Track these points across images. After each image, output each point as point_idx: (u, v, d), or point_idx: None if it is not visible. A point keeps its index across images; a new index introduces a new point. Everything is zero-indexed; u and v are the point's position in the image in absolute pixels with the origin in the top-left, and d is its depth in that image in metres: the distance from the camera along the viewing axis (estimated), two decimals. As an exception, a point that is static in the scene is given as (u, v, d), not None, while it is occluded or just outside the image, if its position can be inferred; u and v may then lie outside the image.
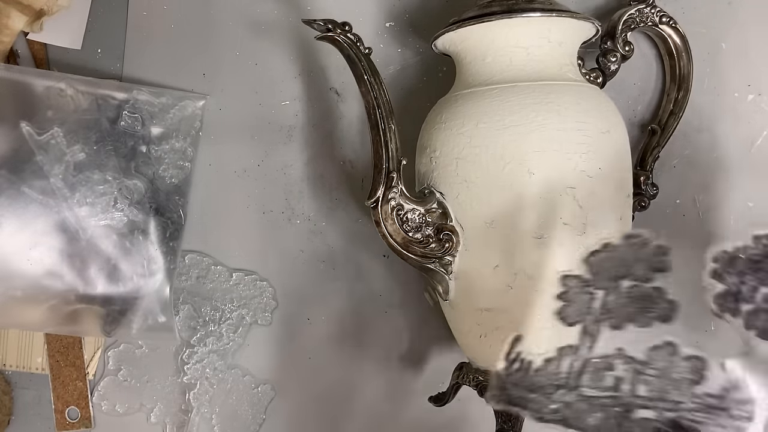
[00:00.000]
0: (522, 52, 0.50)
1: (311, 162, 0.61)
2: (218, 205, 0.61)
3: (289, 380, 0.61)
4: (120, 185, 0.57)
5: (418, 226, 0.50)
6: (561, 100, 0.48)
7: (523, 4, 0.50)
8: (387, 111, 0.50)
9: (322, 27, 0.50)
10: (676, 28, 0.55)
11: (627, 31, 0.54)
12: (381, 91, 0.50)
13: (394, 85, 0.59)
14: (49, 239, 0.56)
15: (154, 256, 0.58)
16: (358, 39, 0.50)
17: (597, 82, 0.53)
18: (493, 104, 0.48)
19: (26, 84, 0.57)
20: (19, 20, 0.58)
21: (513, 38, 0.50)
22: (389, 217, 0.50)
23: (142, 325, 0.58)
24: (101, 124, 0.58)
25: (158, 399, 0.61)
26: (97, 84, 0.58)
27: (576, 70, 0.51)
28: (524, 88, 0.48)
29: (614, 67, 0.54)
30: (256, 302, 0.61)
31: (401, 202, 0.50)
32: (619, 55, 0.54)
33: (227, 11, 0.61)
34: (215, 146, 0.61)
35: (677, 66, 0.56)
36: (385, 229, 0.50)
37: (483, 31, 0.50)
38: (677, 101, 0.56)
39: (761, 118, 0.58)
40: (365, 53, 0.50)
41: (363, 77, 0.50)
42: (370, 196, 0.50)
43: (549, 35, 0.50)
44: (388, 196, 0.49)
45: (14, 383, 0.61)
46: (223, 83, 0.61)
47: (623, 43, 0.54)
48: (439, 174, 0.50)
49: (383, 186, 0.49)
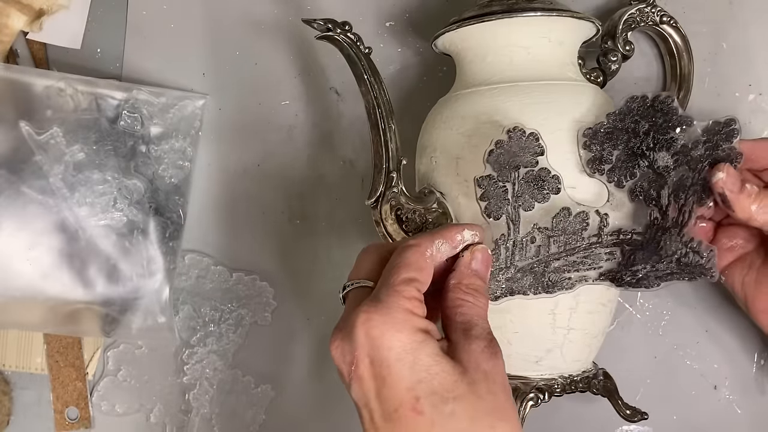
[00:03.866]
0: (522, 51, 0.50)
1: (311, 162, 0.61)
2: (218, 205, 0.61)
3: (289, 380, 0.61)
4: (119, 185, 0.57)
5: (418, 226, 0.50)
6: (562, 99, 0.48)
7: (523, 4, 0.50)
8: (387, 111, 0.50)
9: (322, 26, 0.50)
10: (677, 27, 0.55)
11: (628, 30, 0.54)
12: (381, 90, 0.50)
13: (394, 85, 0.59)
14: (48, 239, 0.56)
15: (154, 256, 0.58)
16: (358, 38, 0.50)
17: (598, 82, 0.53)
18: (494, 104, 0.48)
19: (26, 83, 0.57)
20: (18, 20, 0.58)
21: (513, 38, 0.50)
22: (389, 217, 0.50)
23: (142, 325, 0.58)
24: (101, 124, 0.58)
25: (158, 399, 0.61)
26: (96, 83, 0.58)
27: (577, 69, 0.51)
28: (524, 87, 0.48)
29: (615, 66, 0.54)
30: (256, 302, 0.61)
31: (401, 202, 0.50)
32: (619, 55, 0.54)
33: (227, 11, 0.61)
34: (215, 146, 0.61)
35: (678, 66, 0.56)
36: (384, 228, 0.51)
37: (483, 30, 0.50)
38: (677, 101, 0.56)
39: (762, 118, 0.58)
40: (365, 53, 0.50)
41: (363, 77, 0.50)
42: (370, 195, 0.50)
43: (549, 35, 0.50)
44: (388, 196, 0.50)
45: (14, 383, 0.61)
46: (223, 83, 0.61)
47: (624, 43, 0.54)
48: (440, 174, 0.50)
49: (383, 185, 0.50)
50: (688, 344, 0.58)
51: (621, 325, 0.58)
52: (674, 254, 0.47)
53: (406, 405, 0.38)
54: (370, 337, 0.39)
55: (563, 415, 0.58)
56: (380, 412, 0.39)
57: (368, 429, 0.39)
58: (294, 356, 0.61)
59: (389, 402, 0.38)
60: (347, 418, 0.60)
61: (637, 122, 0.46)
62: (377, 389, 0.39)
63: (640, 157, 0.47)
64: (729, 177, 0.46)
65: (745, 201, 0.46)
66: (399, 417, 0.38)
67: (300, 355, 0.61)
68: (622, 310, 0.58)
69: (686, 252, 0.47)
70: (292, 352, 0.61)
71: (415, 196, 0.50)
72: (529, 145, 0.46)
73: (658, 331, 0.58)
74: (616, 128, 0.46)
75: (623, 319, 0.58)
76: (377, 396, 0.39)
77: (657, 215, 0.47)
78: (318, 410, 0.60)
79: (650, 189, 0.47)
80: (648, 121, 0.46)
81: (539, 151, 0.46)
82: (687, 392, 0.58)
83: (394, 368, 0.38)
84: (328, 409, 0.60)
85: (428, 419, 0.38)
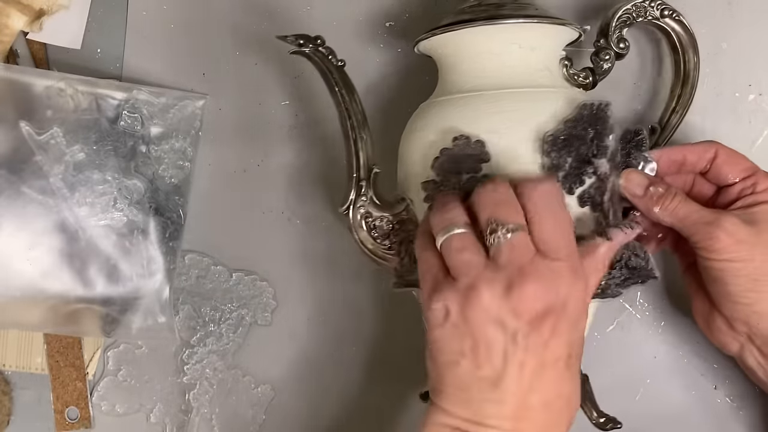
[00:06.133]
0: (495, 59, 0.49)
1: (311, 162, 0.61)
2: (218, 205, 0.61)
3: (289, 380, 0.61)
4: (120, 185, 0.57)
5: (386, 233, 0.51)
6: (527, 107, 0.47)
7: (492, 11, 0.50)
8: (358, 121, 0.51)
9: (295, 42, 0.51)
10: (681, 21, 0.53)
11: (622, 27, 0.52)
12: (352, 102, 0.52)
13: (394, 86, 0.59)
14: (48, 239, 0.56)
15: (154, 256, 0.58)
16: (330, 52, 0.51)
17: (586, 83, 0.52)
18: (462, 113, 0.48)
19: (26, 84, 0.57)
20: (18, 20, 0.58)
21: (485, 45, 0.50)
22: (359, 225, 0.51)
23: (142, 325, 0.58)
24: (101, 124, 0.58)
25: (158, 399, 0.61)
26: (96, 84, 0.58)
27: (552, 74, 0.50)
28: (491, 96, 0.48)
29: (607, 65, 0.52)
30: (256, 302, 0.61)
31: (370, 210, 0.51)
32: (612, 53, 0.52)
33: (227, 11, 0.61)
34: (215, 146, 0.61)
35: (682, 61, 0.54)
36: (357, 236, 0.52)
37: (456, 38, 0.50)
38: (680, 98, 0.54)
39: (762, 118, 0.58)
40: (337, 66, 0.51)
41: (334, 89, 0.51)
42: (342, 203, 0.51)
43: (520, 41, 0.49)
44: (358, 204, 0.51)
45: (14, 383, 0.61)
46: (223, 83, 0.61)
47: (617, 41, 0.52)
48: (411, 182, 0.50)
49: (354, 194, 0.51)
50: (688, 344, 0.58)
51: (621, 325, 0.58)
52: (621, 259, 0.48)
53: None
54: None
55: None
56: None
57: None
58: (294, 356, 0.61)
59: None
60: (347, 417, 0.60)
61: (586, 129, 0.46)
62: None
63: (587, 164, 0.47)
64: (628, 183, 0.49)
65: (648, 204, 0.49)
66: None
67: (300, 355, 0.61)
68: (622, 310, 0.58)
69: (629, 255, 0.48)
70: (292, 352, 0.61)
71: (387, 203, 0.51)
72: (473, 152, 0.46)
73: (658, 331, 0.58)
74: (571, 135, 0.46)
75: (623, 319, 0.58)
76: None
77: (602, 221, 0.48)
78: (318, 410, 0.60)
79: (596, 195, 0.47)
80: (593, 128, 0.47)
81: (485, 158, 0.46)
82: (687, 392, 0.58)
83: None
84: (328, 409, 0.60)
85: None
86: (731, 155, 0.51)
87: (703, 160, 0.51)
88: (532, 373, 0.42)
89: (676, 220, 0.49)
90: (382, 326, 0.60)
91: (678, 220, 0.49)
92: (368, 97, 0.59)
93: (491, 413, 0.42)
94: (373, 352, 0.60)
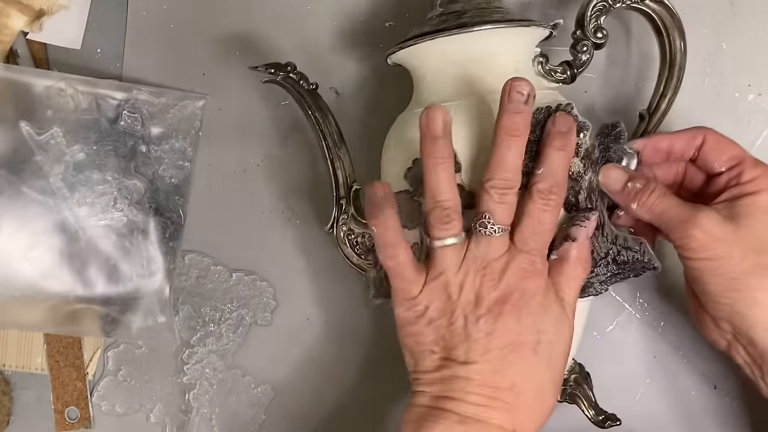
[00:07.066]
0: (457, 68, 0.49)
1: (311, 162, 0.61)
2: (218, 205, 0.61)
3: (289, 380, 0.61)
4: (120, 185, 0.57)
5: (368, 248, 0.53)
6: (488, 115, 0.47)
7: (452, 21, 0.49)
8: (334, 141, 0.53)
9: (266, 71, 0.52)
10: (663, 2, 0.50)
11: (599, 16, 0.50)
12: (326, 124, 0.53)
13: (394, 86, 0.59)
14: (48, 239, 0.56)
15: (154, 256, 0.58)
16: (301, 77, 0.53)
17: (563, 78, 0.50)
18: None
19: (26, 84, 0.57)
20: (18, 20, 0.58)
21: (448, 57, 0.49)
22: (342, 241, 0.53)
23: (142, 325, 0.58)
24: (101, 124, 0.58)
25: (158, 399, 0.61)
26: (96, 84, 0.58)
27: (523, 75, 0.48)
28: (458, 107, 0.48)
29: (585, 57, 0.50)
30: (256, 302, 0.61)
31: (351, 227, 0.53)
32: (590, 44, 0.50)
33: (227, 11, 0.61)
34: (215, 146, 0.61)
35: (667, 42, 0.52)
36: (342, 252, 0.53)
37: (419, 51, 0.50)
38: (668, 81, 0.52)
39: (761, 118, 0.58)
40: (309, 90, 0.53)
41: (308, 113, 0.53)
42: (327, 221, 0.54)
43: (482, 48, 0.49)
44: (341, 221, 0.53)
45: (14, 383, 0.61)
46: (223, 83, 0.61)
47: (594, 30, 0.50)
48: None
49: (336, 211, 0.53)
50: (688, 344, 0.58)
51: (621, 325, 0.58)
52: (607, 255, 0.48)
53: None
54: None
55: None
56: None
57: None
58: (294, 356, 0.61)
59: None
60: (347, 418, 0.60)
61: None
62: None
63: None
64: (606, 179, 0.49)
65: (626, 199, 0.48)
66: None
67: (300, 355, 0.61)
68: (621, 310, 0.58)
69: (618, 250, 0.48)
70: (292, 352, 0.61)
71: (365, 219, 0.51)
72: None
73: (658, 331, 0.58)
74: (530, 141, 0.45)
75: (623, 319, 0.58)
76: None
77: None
78: (318, 410, 0.60)
79: (569, 196, 0.47)
80: None
81: (456, 168, 0.46)
82: (687, 392, 0.58)
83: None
84: (328, 409, 0.60)
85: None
86: (719, 142, 0.49)
87: (691, 147, 0.50)
88: (498, 356, 0.44)
89: (653, 216, 0.48)
90: (382, 326, 0.60)
91: (656, 216, 0.48)
92: (368, 97, 0.59)
93: (459, 387, 0.44)
94: (373, 352, 0.60)
